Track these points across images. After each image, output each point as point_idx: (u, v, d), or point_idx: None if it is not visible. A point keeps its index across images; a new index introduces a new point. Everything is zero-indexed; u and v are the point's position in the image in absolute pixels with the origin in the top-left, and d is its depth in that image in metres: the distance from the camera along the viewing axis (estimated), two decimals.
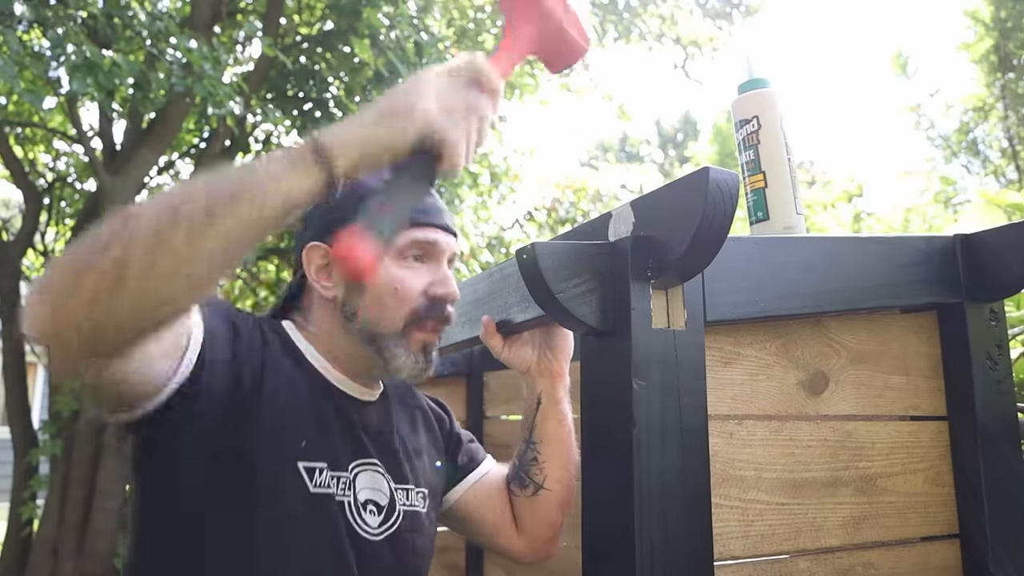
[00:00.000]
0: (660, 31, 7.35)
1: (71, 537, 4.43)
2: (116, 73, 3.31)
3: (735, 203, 0.86)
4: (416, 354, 1.03)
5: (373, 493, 1.03)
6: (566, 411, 1.17)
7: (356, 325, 1.02)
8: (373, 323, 1.01)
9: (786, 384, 1.06)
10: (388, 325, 1.01)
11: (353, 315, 1.02)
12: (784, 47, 57.82)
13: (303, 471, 0.94)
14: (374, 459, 1.04)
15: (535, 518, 1.19)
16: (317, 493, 0.95)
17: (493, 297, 1.15)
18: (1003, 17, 12.01)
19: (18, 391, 4.95)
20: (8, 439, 5.04)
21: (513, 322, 1.09)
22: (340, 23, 4.93)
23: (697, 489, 0.91)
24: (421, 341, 1.03)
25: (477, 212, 6.54)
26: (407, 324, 1.02)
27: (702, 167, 0.86)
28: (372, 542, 1.00)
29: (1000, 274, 1.12)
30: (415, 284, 1.02)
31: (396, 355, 1.01)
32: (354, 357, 1.05)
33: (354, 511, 0.99)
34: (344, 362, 1.06)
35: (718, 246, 0.87)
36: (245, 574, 0.91)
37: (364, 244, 0.73)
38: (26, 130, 5.29)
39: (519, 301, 1.06)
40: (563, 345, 1.17)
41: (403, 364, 1.02)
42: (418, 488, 1.11)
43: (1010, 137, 12.57)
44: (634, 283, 0.91)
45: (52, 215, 5.50)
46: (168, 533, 0.93)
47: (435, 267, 1.05)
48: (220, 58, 3.69)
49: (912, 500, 1.11)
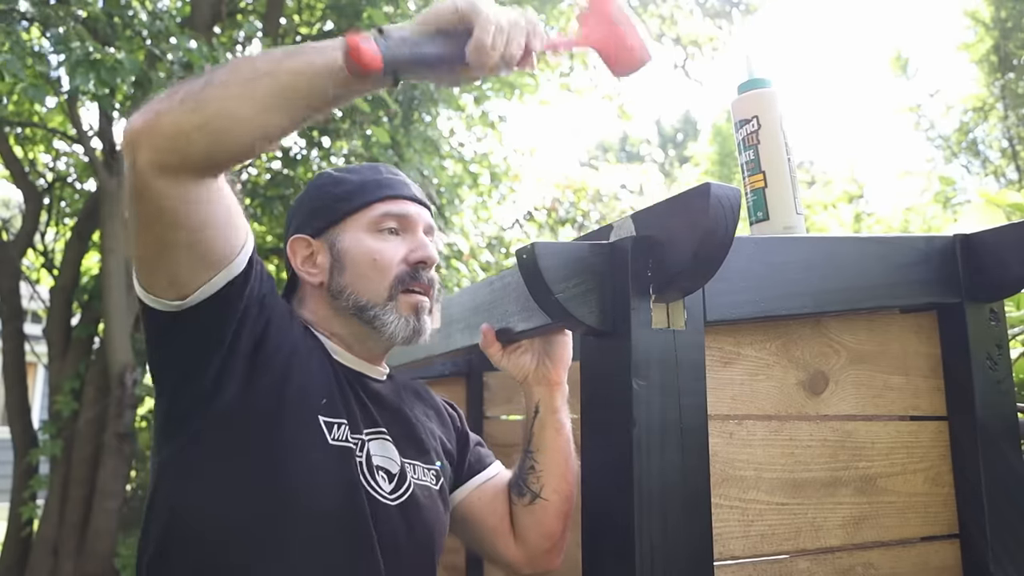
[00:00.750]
0: (660, 31, 7.35)
1: (71, 537, 4.43)
2: (118, 71, 3.31)
3: (737, 219, 0.86)
4: (407, 316, 1.07)
5: (384, 461, 1.05)
6: (564, 420, 1.17)
7: (344, 302, 1.07)
8: (359, 297, 1.06)
9: (786, 384, 1.06)
10: (373, 297, 1.06)
11: (340, 293, 1.07)
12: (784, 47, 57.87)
13: (323, 424, 0.99)
14: (383, 429, 1.08)
15: (533, 528, 1.18)
16: (336, 445, 0.99)
17: (494, 305, 1.16)
18: (1003, 17, 12.01)
19: (18, 391, 4.95)
20: (8, 439, 5.04)
21: (513, 331, 1.09)
22: (340, 23, 4.93)
23: (697, 489, 0.91)
24: (411, 304, 1.07)
25: (477, 212, 6.55)
26: (391, 292, 1.06)
27: (704, 182, 0.86)
28: (386, 506, 1.02)
29: (1000, 274, 1.12)
30: (393, 254, 1.07)
31: (387, 322, 1.06)
32: (353, 335, 1.09)
33: (367, 473, 1.02)
34: (346, 342, 1.10)
35: (719, 262, 0.88)
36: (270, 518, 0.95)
37: (371, 44, 0.83)
38: (26, 130, 5.29)
39: (520, 310, 1.07)
40: (562, 354, 1.17)
41: (396, 329, 1.06)
42: (429, 466, 1.12)
43: (1010, 137, 12.57)
44: (634, 283, 0.91)
45: (52, 215, 5.50)
46: (194, 484, 0.97)
47: (411, 237, 1.10)
48: (220, 58, 3.69)
49: (912, 500, 1.11)
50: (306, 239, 1.10)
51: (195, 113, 0.82)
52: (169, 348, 0.98)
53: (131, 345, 4.46)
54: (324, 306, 1.10)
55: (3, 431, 6.68)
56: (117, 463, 4.47)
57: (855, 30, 60.86)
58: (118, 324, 4.32)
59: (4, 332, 4.98)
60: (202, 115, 0.82)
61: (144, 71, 3.59)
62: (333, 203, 1.10)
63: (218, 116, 0.83)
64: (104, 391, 4.49)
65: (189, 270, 0.91)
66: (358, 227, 1.09)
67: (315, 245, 1.10)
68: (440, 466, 1.16)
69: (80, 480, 4.50)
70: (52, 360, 4.87)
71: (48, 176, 5.59)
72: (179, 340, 0.96)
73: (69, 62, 3.26)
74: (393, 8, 4.65)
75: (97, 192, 4.69)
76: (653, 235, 0.92)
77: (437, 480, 1.13)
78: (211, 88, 0.83)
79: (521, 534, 1.19)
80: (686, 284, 0.90)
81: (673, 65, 7.76)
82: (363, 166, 1.17)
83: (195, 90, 0.83)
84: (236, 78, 0.84)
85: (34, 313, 7.57)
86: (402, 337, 1.07)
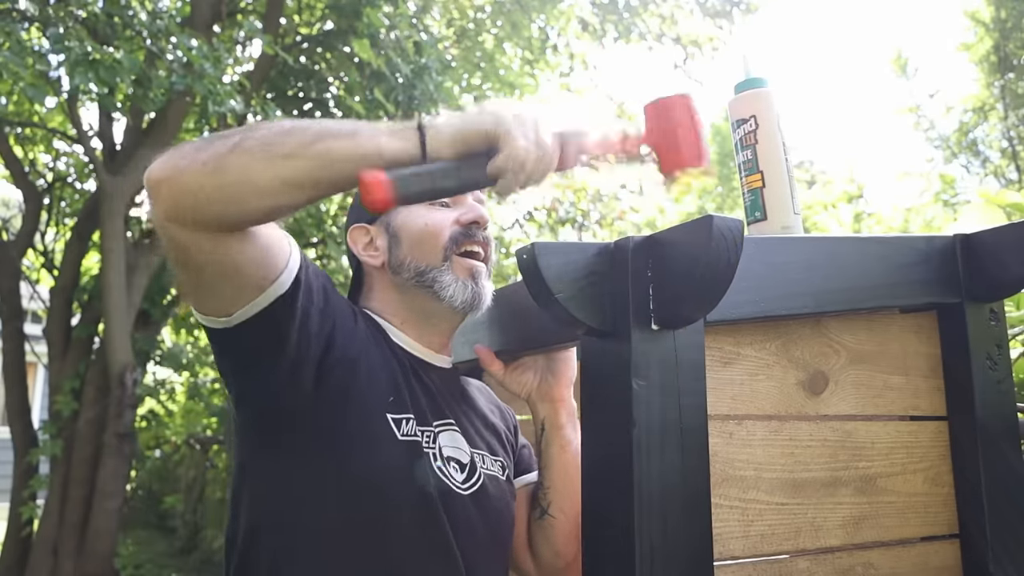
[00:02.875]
0: (660, 31, 7.34)
1: (71, 537, 4.44)
2: (117, 70, 3.31)
3: (739, 250, 0.86)
4: (464, 279, 1.08)
5: (455, 451, 1.07)
6: (570, 437, 1.15)
7: (405, 274, 1.09)
8: (417, 263, 1.08)
9: (786, 384, 1.06)
10: (431, 260, 1.07)
11: (400, 266, 1.09)
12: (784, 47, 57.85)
13: (391, 421, 1.00)
14: (451, 420, 1.09)
15: (544, 544, 1.17)
16: (405, 440, 1.00)
17: (492, 321, 1.18)
18: (1003, 17, 12.00)
19: (18, 391, 4.95)
20: (8, 439, 5.04)
21: (513, 349, 1.10)
22: (340, 23, 4.93)
23: (697, 489, 0.91)
24: (466, 267, 1.08)
25: None
26: (446, 252, 1.08)
27: (706, 215, 0.86)
28: (459, 495, 1.04)
29: (1000, 274, 1.12)
30: (444, 218, 1.09)
31: (445, 284, 1.07)
32: (420, 313, 1.11)
33: (440, 463, 1.03)
34: (412, 323, 1.11)
35: (722, 293, 0.88)
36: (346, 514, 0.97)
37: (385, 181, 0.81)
38: (26, 130, 5.30)
39: (517, 327, 1.07)
40: (564, 370, 1.16)
41: (455, 292, 1.07)
42: (495, 456, 1.14)
43: (1010, 137, 12.57)
44: (634, 283, 0.91)
45: (52, 215, 5.51)
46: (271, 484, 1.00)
47: (461, 203, 1.12)
48: (221, 57, 3.69)
49: (912, 500, 1.11)
50: (364, 227, 1.13)
51: (214, 176, 0.82)
52: (228, 358, 1.00)
53: (131, 345, 4.46)
54: (389, 287, 1.12)
55: (3, 431, 6.68)
56: (117, 463, 4.47)
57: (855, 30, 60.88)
58: (118, 324, 4.32)
59: (4, 332, 4.98)
60: (220, 180, 0.82)
61: (144, 69, 3.58)
62: None
63: (237, 183, 0.82)
64: (104, 391, 4.49)
65: (227, 299, 0.92)
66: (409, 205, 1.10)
67: (372, 231, 1.13)
68: (503, 458, 1.17)
69: (80, 480, 4.50)
70: (52, 360, 4.87)
71: (48, 176, 5.60)
72: (236, 351, 0.98)
73: (69, 61, 3.26)
74: (393, 8, 4.65)
75: (97, 192, 4.69)
76: (655, 279, 0.92)
77: (503, 471, 1.14)
78: (235, 155, 0.82)
79: (535, 548, 1.19)
80: (689, 314, 0.91)
81: (673, 65, 7.74)
82: None
83: (220, 153, 0.82)
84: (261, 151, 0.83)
85: (34, 313, 7.57)
86: (461, 301, 1.07)
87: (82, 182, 5.52)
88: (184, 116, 4.63)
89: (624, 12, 7.14)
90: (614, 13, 7.08)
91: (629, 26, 7.16)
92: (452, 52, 5.72)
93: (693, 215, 12.61)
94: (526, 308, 1.06)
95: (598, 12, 7.01)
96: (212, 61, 3.59)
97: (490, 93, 6.16)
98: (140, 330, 4.95)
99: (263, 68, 4.71)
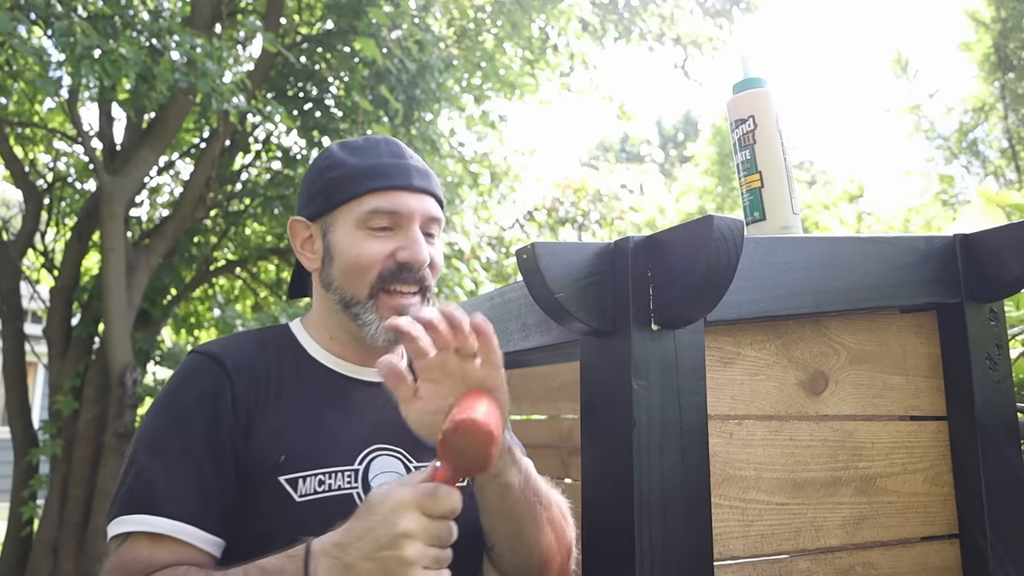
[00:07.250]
0: (660, 31, 7.35)
1: (71, 537, 4.43)
2: (122, 64, 3.31)
3: (739, 250, 0.86)
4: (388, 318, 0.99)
5: (389, 476, 1.00)
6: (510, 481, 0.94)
7: (333, 296, 1.04)
8: (344, 292, 1.03)
9: (786, 384, 1.06)
10: (356, 293, 1.02)
11: (329, 286, 1.05)
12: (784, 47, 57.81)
13: (285, 484, 0.95)
14: (385, 442, 1.03)
15: (499, 566, 1.06)
16: (305, 501, 0.95)
17: (493, 322, 1.14)
18: (1003, 17, 12.01)
19: (18, 391, 4.95)
20: (8, 439, 5.04)
21: (513, 351, 1.08)
22: (340, 23, 4.93)
23: (697, 489, 0.91)
24: (392, 307, 1.01)
25: (477, 212, 6.55)
26: (373, 290, 1.01)
27: (706, 215, 0.86)
28: None
29: (1000, 274, 1.12)
30: (378, 251, 1.01)
31: (367, 322, 1.02)
32: (344, 330, 1.06)
33: None
34: (341, 339, 1.06)
35: (722, 293, 0.88)
36: None
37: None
38: (26, 130, 5.29)
39: (519, 328, 1.07)
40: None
41: (376, 331, 1.02)
42: None
43: (1010, 137, 12.57)
44: (634, 283, 0.91)
45: (52, 215, 5.50)
46: None
47: (403, 233, 1.03)
48: (222, 56, 3.69)
49: (912, 500, 1.11)
50: (304, 222, 1.08)
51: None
52: None
53: (131, 345, 4.46)
54: (321, 297, 1.08)
55: (3, 431, 6.68)
56: (117, 463, 4.46)
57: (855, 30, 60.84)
58: (118, 324, 4.32)
59: (4, 332, 4.98)
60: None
61: (148, 65, 3.58)
62: (327, 189, 1.06)
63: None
64: (104, 391, 4.49)
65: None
66: (348, 220, 1.03)
67: (312, 228, 1.07)
68: None
69: (80, 480, 4.50)
70: (52, 360, 4.87)
71: (48, 176, 5.59)
72: None
73: (73, 56, 3.26)
74: (393, 8, 4.65)
75: (97, 192, 4.68)
76: (657, 280, 0.92)
77: None
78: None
79: (492, 562, 1.08)
80: (689, 314, 0.91)
81: (673, 65, 7.75)
82: (368, 142, 1.09)
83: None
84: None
85: (34, 313, 7.57)
86: (384, 340, 1.02)
87: (82, 182, 5.52)
88: (184, 116, 4.63)
89: (624, 12, 7.14)
90: (614, 13, 7.08)
91: (629, 26, 7.16)
92: (452, 52, 5.71)
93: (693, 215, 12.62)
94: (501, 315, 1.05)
95: (598, 12, 7.01)
96: (214, 59, 3.60)
97: (490, 93, 6.16)
98: (140, 330, 4.95)
99: (263, 68, 4.70)
